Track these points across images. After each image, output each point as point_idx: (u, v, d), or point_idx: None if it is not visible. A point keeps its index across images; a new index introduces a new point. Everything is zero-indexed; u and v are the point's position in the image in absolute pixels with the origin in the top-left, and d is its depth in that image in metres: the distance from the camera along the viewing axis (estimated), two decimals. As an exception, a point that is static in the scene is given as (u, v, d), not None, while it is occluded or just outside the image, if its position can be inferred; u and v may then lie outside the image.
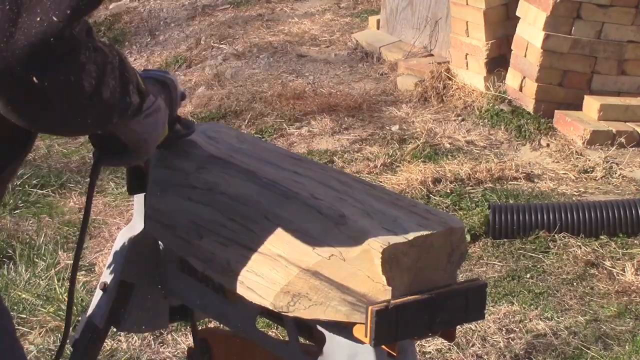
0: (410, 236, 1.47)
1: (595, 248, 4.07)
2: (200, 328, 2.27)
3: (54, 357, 3.09)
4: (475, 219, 4.20)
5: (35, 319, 3.44)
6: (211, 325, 3.02)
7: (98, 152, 1.70)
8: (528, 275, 3.86)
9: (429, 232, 1.49)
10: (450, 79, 5.85)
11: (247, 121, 5.61)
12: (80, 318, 2.09)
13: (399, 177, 4.73)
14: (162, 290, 1.97)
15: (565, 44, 5.30)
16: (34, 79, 1.23)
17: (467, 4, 5.68)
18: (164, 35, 7.60)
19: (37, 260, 3.91)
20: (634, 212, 4.15)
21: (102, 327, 2.02)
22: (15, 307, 3.50)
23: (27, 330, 3.37)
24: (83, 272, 3.83)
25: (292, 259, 1.53)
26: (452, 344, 3.23)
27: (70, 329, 1.83)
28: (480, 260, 3.98)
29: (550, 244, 4.08)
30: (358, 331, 1.47)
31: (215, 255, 1.68)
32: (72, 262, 2.02)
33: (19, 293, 3.61)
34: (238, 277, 1.62)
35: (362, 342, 1.49)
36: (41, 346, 3.25)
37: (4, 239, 4.13)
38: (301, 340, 1.73)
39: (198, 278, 1.87)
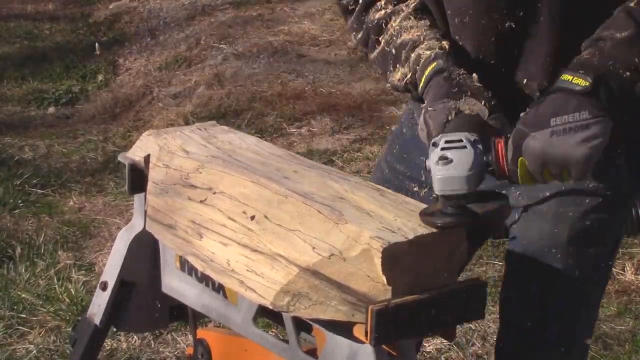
0: (411, 236, 1.47)
1: (595, 248, 4.07)
2: (200, 328, 2.27)
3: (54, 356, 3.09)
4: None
5: (35, 318, 3.44)
6: (211, 325, 3.02)
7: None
8: (528, 275, 3.86)
9: (430, 232, 1.49)
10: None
11: (247, 121, 5.61)
12: (80, 318, 2.08)
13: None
14: (162, 290, 1.97)
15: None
16: None
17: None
18: (164, 35, 7.60)
19: (36, 260, 3.91)
20: (633, 212, 4.14)
21: (102, 326, 2.02)
22: (15, 307, 3.50)
23: (26, 330, 3.37)
24: (83, 272, 3.83)
25: (292, 258, 1.53)
26: (452, 343, 3.23)
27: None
28: (480, 260, 3.97)
29: (550, 244, 4.07)
30: (358, 331, 1.47)
31: (215, 255, 1.68)
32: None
33: (19, 293, 3.60)
34: (238, 276, 1.62)
35: (362, 342, 1.49)
36: (41, 346, 3.25)
37: (4, 238, 4.13)
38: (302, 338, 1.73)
39: (198, 278, 1.87)
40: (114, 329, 2.12)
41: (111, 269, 1.99)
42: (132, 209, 2.15)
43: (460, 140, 1.52)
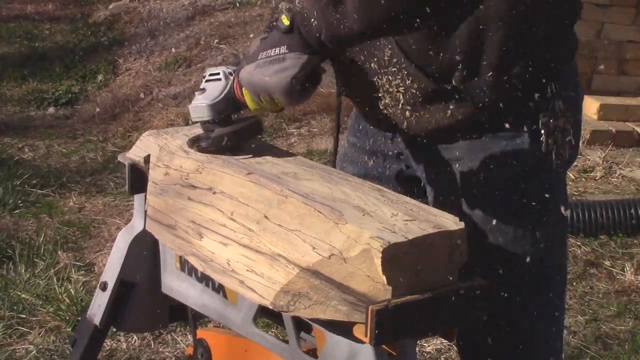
0: (411, 236, 1.46)
1: (595, 248, 4.07)
2: (200, 328, 2.27)
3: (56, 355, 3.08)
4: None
5: (34, 319, 3.44)
6: (211, 325, 3.02)
7: None
8: (528, 275, 3.86)
9: (430, 232, 1.49)
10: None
11: (246, 121, 5.61)
12: (80, 318, 2.08)
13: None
14: (161, 290, 1.97)
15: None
16: None
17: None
18: (163, 36, 7.60)
19: (36, 260, 3.91)
20: (634, 212, 4.15)
21: (102, 327, 2.02)
22: (15, 307, 3.50)
23: (26, 330, 3.37)
24: (83, 272, 3.83)
25: (292, 258, 1.53)
26: (452, 344, 3.22)
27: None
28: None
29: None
30: (358, 331, 1.47)
31: (215, 255, 1.68)
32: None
33: (19, 293, 3.60)
34: (238, 276, 1.62)
35: (362, 342, 1.49)
36: (41, 346, 3.25)
37: (4, 239, 4.13)
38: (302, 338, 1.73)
39: (198, 278, 1.87)
40: (114, 329, 2.12)
41: (111, 269, 1.99)
42: (132, 209, 2.15)
43: (219, 73, 1.73)
